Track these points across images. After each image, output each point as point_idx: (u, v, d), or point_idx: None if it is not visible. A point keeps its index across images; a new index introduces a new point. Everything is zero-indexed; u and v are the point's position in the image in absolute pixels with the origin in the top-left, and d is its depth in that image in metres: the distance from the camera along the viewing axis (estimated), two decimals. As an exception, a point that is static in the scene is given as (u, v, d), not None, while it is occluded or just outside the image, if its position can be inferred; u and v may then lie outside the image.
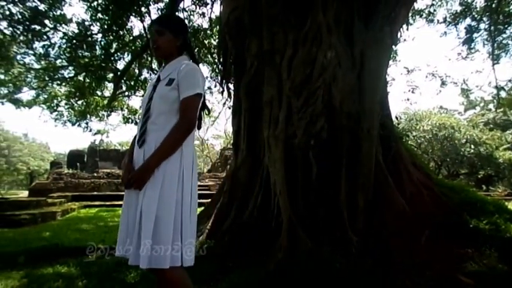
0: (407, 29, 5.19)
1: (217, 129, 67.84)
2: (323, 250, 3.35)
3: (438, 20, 12.64)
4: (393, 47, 5.23)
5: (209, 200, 7.79)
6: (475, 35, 11.57)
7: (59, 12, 12.00)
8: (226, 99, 13.43)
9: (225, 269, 3.63)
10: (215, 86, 16.20)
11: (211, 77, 15.98)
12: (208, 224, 4.73)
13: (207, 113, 2.68)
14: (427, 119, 24.71)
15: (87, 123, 16.71)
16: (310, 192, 3.73)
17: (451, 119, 25.61)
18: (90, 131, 17.58)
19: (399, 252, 3.42)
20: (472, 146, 23.05)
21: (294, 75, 4.12)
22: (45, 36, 11.97)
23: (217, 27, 9.17)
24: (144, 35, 12.76)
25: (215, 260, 3.85)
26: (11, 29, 10.70)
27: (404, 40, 13.56)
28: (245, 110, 4.86)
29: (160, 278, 1.94)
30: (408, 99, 41.07)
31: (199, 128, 2.28)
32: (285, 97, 4.14)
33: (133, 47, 13.86)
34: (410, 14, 9.15)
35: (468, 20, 11.70)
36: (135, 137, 2.14)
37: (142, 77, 15.42)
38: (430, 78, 15.24)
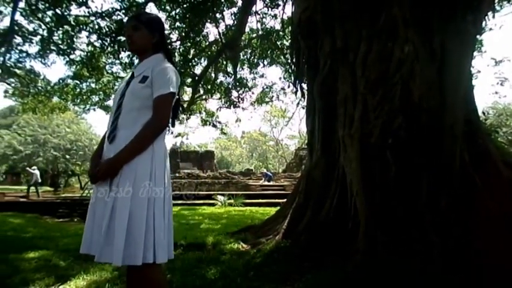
0: (493, 17, 4.76)
1: (291, 129, 68.10)
2: (402, 253, 3.21)
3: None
4: (477, 37, 4.82)
5: (284, 200, 7.85)
6: None
7: (141, 23, 12.80)
8: (300, 100, 13.44)
9: (302, 269, 3.63)
10: (288, 87, 16.30)
11: (284, 78, 16.11)
12: (284, 224, 4.76)
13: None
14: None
15: (168, 127, 17.65)
16: (388, 192, 3.59)
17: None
18: (172, 133, 18.62)
19: (487, 258, 3.16)
20: None
21: (368, 72, 4.00)
22: (129, 46, 12.87)
23: (289, 27, 9.18)
24: (219, 40, 13.17)
25: (291, 260, 3.87)
26: (100, 41, 11.64)
27: (490, 29, 12.45)
28: (319, 110, 4.83)
29: (134, 275, 1.92)
30: (497, 93, 38.12)
31: (173, 125, 2.29)
32: (360, 95, 4.04)
33: (209, 52, 14.40)
34: (496, 0, 8.42)
35: None
36: (105, 132, 2.12)
37: (218, 81, 15.98)
38: (521, 69, 13.83)
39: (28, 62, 12.41)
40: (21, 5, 10.84)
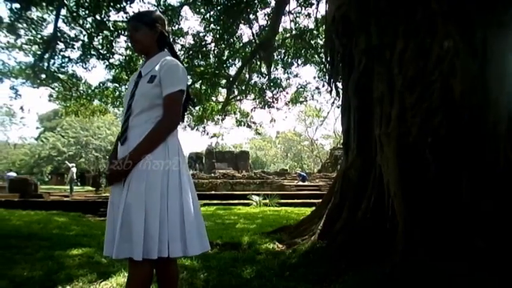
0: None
1: (326, 129, 67.34)
2: (444, 256, 3.11)
3: None
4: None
5: (320, 200, 7.78)
6: None
7: (177, 26, 13.10)
8: (335, 99, 13.24)
9: (338, 270, 3.59)
10: (323, 86, 16.17)
11: (318, 77, 15.99)
12: (320, 224, 4.73)
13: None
14: None
15: (204, 127, 17.99)
16: (428, 193, 3.48)
17: None
18: (207, 134, 18.90)
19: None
20: None
21: (406, 70, 3.90)
22: (165, 50, 13.20)
23: (323, 26, 9.09)
24: (253, 41, 13.23)
25: (327, 261, 3.84)
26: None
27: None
28: (354, 109, 4.75)
29: (161, 269, 2.03)
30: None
31: (182, 120, 2.27)
32: (397, 93, 3.94)
33: (243, 53, 14.50)
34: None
35: None
36: (118, 134, 2.14)
37: (253, 81, 16.06)
38: None
39: (70, 66, 12.90)
40: (63, 12, 11.30)
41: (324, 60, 11.87)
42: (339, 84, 5.94)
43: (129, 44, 12.28)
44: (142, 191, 1.86)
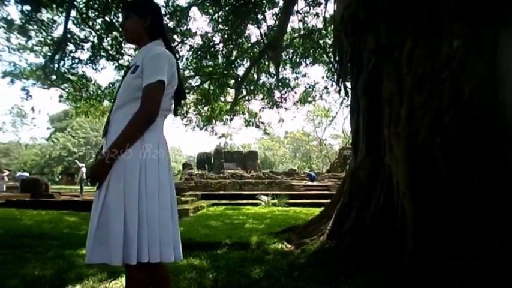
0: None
1: (335, 128, 67.31)
2: (454, 256, 3.08)
3: None
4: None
5: (328, 200, 7.77)
6: None
7: (185, 27, 13.15)
8: (344, 98, 13.24)
9: (347, 271, 3.58)
10: (332, 86, 16.14)
11: (327, 77, 15.94)
12: (328, 225, 4.71)
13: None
14: None
15: (212, 128, 18.06)
16: (438, 192, 3.45)
17: None
18: (216, 134, 18.99)
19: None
20: None
21: (415, 69, 3.88)
22: (174, 50, 13.26)
23: (332, 26, 9.07)
24: (261, 41, 13.23)
25: (336, 261, 3.83)
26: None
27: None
28: (363, 108, 4.74)
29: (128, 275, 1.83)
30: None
31: (175, 114, 2.15)
32: (406, 92, 3.92)
33: (251, 53, 14.51)
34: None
35: None
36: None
37: (261, 81, 16.07)
38: None
39: (80, 67, 13.00)
40: (73, 13, 11.41)
41: (332, 59, 11.86)
42: (348, 84, 5.93)
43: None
44: (121, 191, 1.75)
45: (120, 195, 1.74)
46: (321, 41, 13.90)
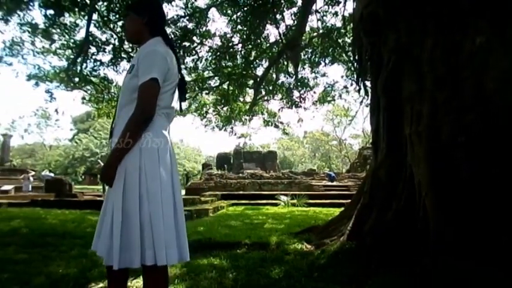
0: None
1: (354, 128, 66.69)
2: (476, 258, 3.02)
3: None
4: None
5: (348, 200, 7.70)
6: None
7: (204, 28, 13.25)
8: (364, 97, 13.13)
9: (368, 271, 3.55)
10: (351, 85, 16.01)
11: (346, 76, 15.82)
12: (349, 225, 4.68)
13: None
14: None
15: (232, 128, 18.14)
16: (461, 193, 3.39)
17: None
18: (235, 134, 19.07)
19: None
20: None
21: (436, 67, 3.81)
22: (194, 51, 13.34)
23: (351, 24, 8.98)
24: (280, 40, 13.22)
25: (356, 262, 3.80)
26: (166, 47, 12.23)
27: None
28: (384, 108, 4.68)
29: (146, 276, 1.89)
30: None
31: (180, 110, 2.12)
32: (427, 91, 3.86)
33: (270, 54, 14.52)
34: None
35: None
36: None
37: (280, 81, 16.06)
38: None
39: (102, 70, 13.24)
40: (95, 17, 11.64)
41: (351, 58, 11.75)
42: (368, 83, 5.87)
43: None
44: (120, 193, 1.76)
45: (120, 197, 1.77)
46: (340, 40, 13.80)
